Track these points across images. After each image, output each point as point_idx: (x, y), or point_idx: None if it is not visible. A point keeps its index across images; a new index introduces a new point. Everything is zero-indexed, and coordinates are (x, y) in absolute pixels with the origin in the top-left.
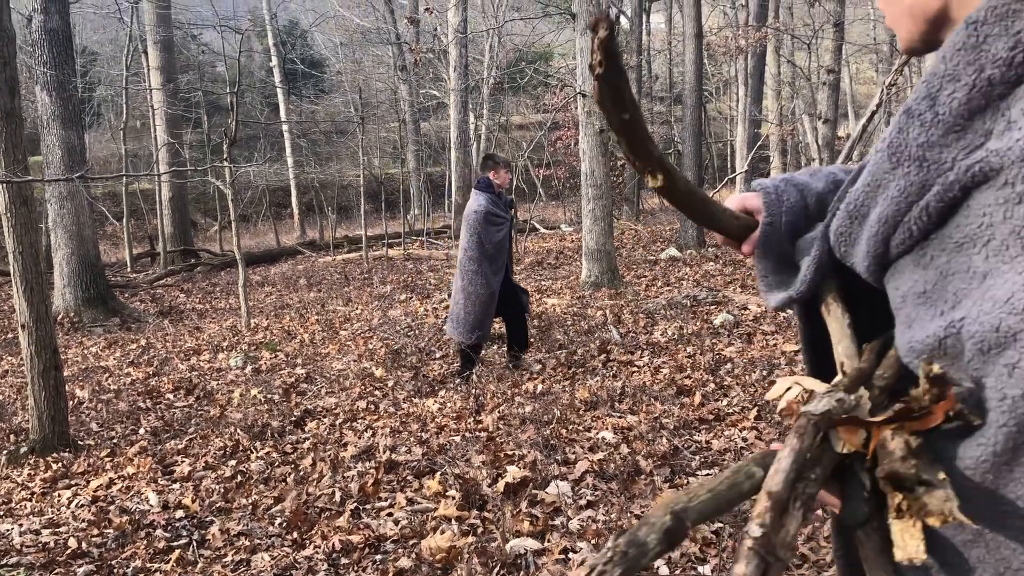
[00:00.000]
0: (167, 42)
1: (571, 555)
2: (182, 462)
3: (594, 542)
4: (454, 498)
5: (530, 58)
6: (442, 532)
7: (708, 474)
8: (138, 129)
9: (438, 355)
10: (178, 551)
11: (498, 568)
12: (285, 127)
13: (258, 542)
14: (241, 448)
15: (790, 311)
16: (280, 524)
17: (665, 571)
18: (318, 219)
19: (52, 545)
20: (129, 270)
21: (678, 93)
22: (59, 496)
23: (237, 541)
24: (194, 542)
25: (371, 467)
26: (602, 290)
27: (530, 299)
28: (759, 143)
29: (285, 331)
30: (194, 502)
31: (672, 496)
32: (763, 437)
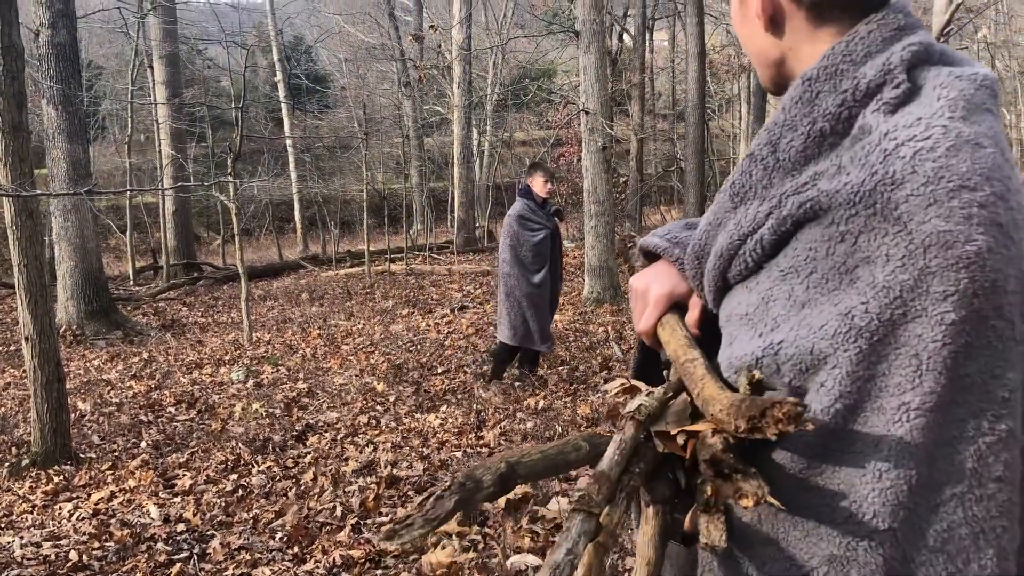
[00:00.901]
0: (173, 57)
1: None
2: (183, 476)
3: None
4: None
5: (533, 75)
6: (443, 548)
7: None
8: (142, 143)
9: (440, 370)
10: (179, 565)
11: None
12: (289, 142)
13: (259, 556)
14: (242, 462)
15: None
16: (281, 538)
17: None
18: (321, 233)
19: (53, 558)
20: (132, 283)
21: (681, 111)
22: (60, 509)
23: (238, 555)
24: (195, 556)
25: (372, 482)
26: (604, 306)
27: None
28: None
29: (287, 345)
30: (195, 516)
31: (510, 452)
32: None
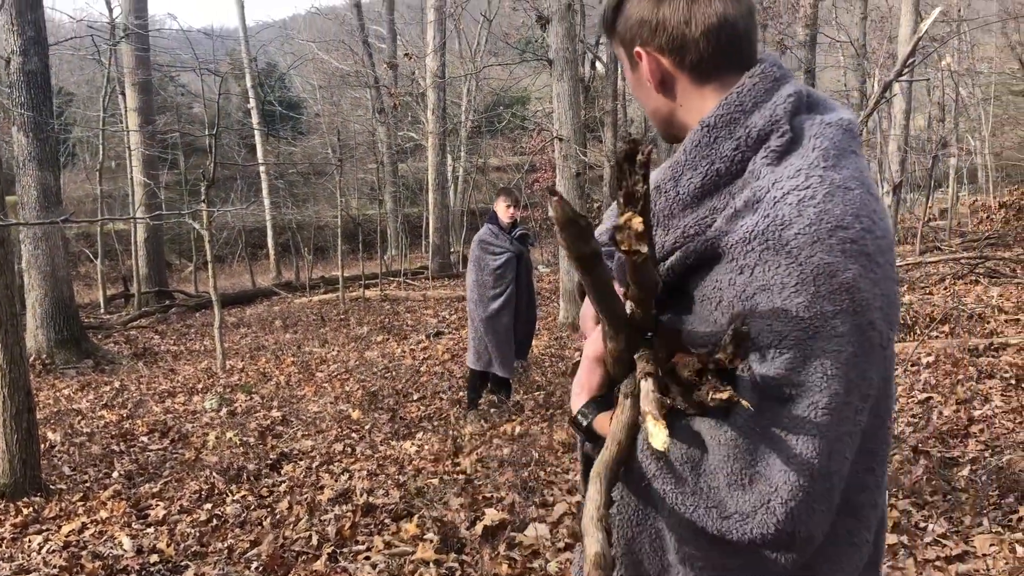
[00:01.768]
0: (145, 84)
1: None
2: (156, 506)
3: None
4: (432, 541)
5: (507, 102)
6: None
7: None
8: (113, 170)
9: (415, 397)
10: None
11: None
12: (262, 168)
13: None
14: (217, 491)
15: None
16: (256, 568)
17: None
18: (294, 260)
19: None
20: (102, 311)
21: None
22: (30, 541)
23: None
24: None
25: (348, 510)
26: (580, 331)
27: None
28: None
29: (261, 373)
30: (169, 546)
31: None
32: None
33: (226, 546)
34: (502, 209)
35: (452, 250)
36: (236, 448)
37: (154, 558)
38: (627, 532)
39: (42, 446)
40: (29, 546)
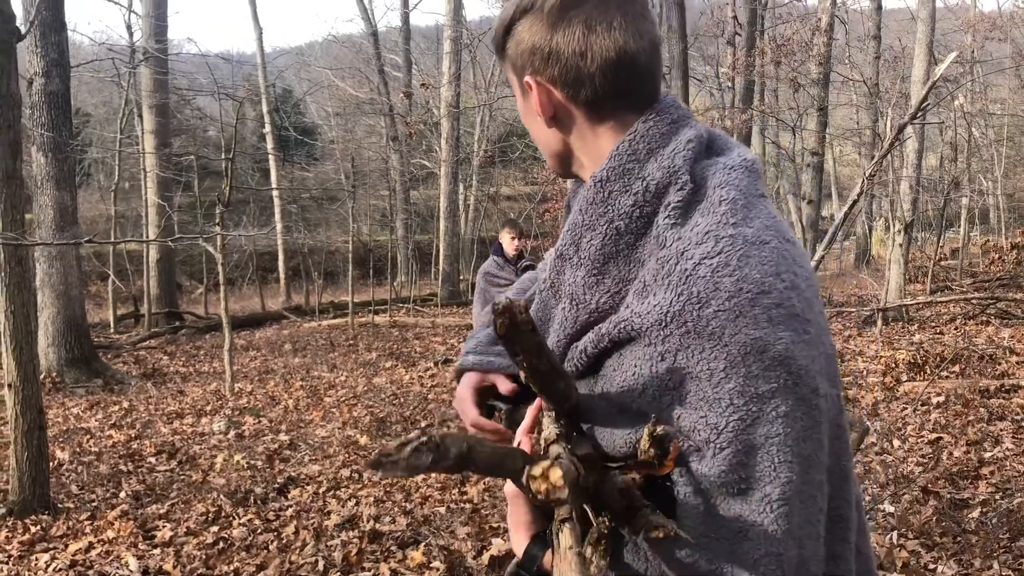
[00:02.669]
0: (163, 107)
1: None
2: (163, 527)
3: None
4: (438, 570)
5: (520, 132)
6: None
7: None
8: (127, 190)
9: (423, 424)
10: None
11: None
12: (276, 192)
13: None
14: (223, 514)
15: None
16: None
17: None
18: (304, 284)
19: None
20: (112, 331)
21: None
22: (37, 560)
23: None
24: None
25: (355, 536)
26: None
27: None
28: None
29: (269, 396)
30: (175, 568)
31: (470, 436)
32: None
33: (232, 569)
34: (507, 241)
35: (462, 278)
36: (243, 471)
37: None
38: None
39: (51, 464)
40: (36, 564)
